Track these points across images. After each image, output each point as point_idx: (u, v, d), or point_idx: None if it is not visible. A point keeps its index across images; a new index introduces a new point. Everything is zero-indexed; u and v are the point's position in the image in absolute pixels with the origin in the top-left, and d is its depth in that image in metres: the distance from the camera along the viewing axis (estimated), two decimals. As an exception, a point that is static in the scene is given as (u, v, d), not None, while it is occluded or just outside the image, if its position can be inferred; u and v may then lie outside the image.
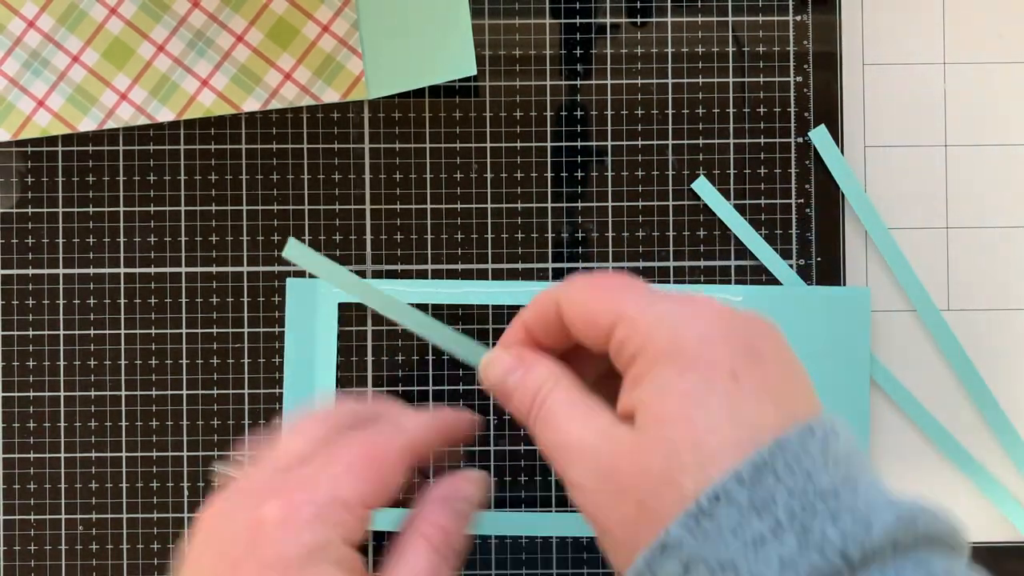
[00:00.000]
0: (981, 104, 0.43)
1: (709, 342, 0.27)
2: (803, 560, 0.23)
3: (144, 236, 0.42)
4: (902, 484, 0.43)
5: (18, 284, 0.42)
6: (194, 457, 0.42)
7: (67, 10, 0.42)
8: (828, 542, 0.23)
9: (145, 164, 0.42)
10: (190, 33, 0.42)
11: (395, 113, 0.42)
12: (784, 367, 0.27)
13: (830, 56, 0.42)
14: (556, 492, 0.42)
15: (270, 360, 0.42)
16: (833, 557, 0.23)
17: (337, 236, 0.42)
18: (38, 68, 0.42)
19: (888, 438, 0.42)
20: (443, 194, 0.42)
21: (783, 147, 0.42)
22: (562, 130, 0.42)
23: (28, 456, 0.42)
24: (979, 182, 0.43)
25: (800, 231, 0.42)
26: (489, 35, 0.42)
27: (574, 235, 0.42)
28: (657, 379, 0.26)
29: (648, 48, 0.42)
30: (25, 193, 0.42)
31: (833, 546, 0.23)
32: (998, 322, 0.42)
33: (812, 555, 0.23)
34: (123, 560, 0.42)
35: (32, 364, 0.42)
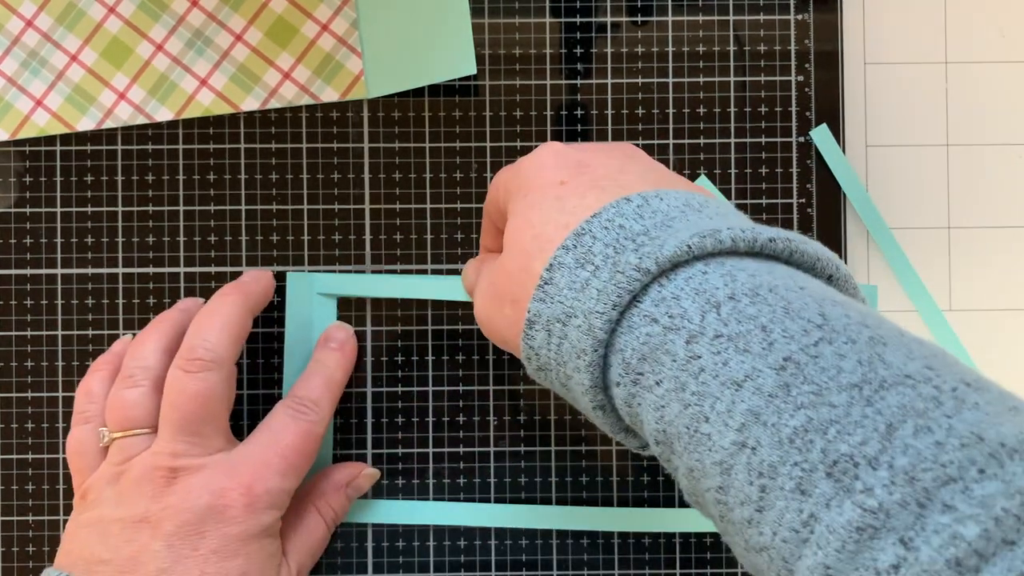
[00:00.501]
0: (983, 104, 0.42)
1: (542, 167, 0.32)
2: (611, 284, 0.28)
3: (143, 236, 0.42)
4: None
5: (17, 284, 0.42)
6: (194, 457, 0.42)
7: (65, 9, 0.41)
8: (628, 264, 0.28)
9: (144, 164, 0.42)
10: (189, 32, 0.41)
11: (395, 113, 0.42)
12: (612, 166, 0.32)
13: (831, 55, 0.42)
14: (557, 492, 0.42)
15: (270, 360, 0.42)
16: (632, 272, 0.28)
17: (337, 236, 0.42)
18: (36, 67, 0.41)
19: (889, 438, 0.42)
20: (443, 194, 0.42)
21: (784, 147, 0.42)
22: (562, 130, 0.42)
23: (28, 456, 0.42)
24: (981, 182, 0.42)
25: (801, 231, 0.42)
26: (489, 35, 0.42)
27: (574, 235, 0.42)
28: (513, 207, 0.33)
29: (648, 47, 0.42)
30: (23, 193, 0.42)
31: (631, 265, 0.28)
32: (999, 322, 0.42)
33: (617, 277, 0.28)
34: (123, 560, 0.42)
35: (32, 364, 0.42)
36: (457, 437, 0.42)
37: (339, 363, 0.40)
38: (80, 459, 0.37)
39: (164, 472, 0.35)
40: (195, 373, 0.36)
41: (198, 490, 0.35)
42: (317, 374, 0.39)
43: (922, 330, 0.42)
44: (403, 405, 0.42)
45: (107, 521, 0.35)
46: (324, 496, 0.40)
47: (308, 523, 0.39)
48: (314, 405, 0.38)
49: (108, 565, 0.34)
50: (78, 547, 0.35)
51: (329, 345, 0.40)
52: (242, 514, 0.35)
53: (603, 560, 0.42)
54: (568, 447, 0.42)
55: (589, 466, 0.42)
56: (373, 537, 0.42)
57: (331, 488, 0.40)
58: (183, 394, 0.36)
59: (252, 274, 0.40)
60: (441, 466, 0.42)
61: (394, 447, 0.42)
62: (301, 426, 0.37)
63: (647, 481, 0.42)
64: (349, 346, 0.41)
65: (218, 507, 0.35)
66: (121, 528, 0.35)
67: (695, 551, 0.42)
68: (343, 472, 0.40)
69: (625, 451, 0.42)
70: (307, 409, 0.38)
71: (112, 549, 0.35)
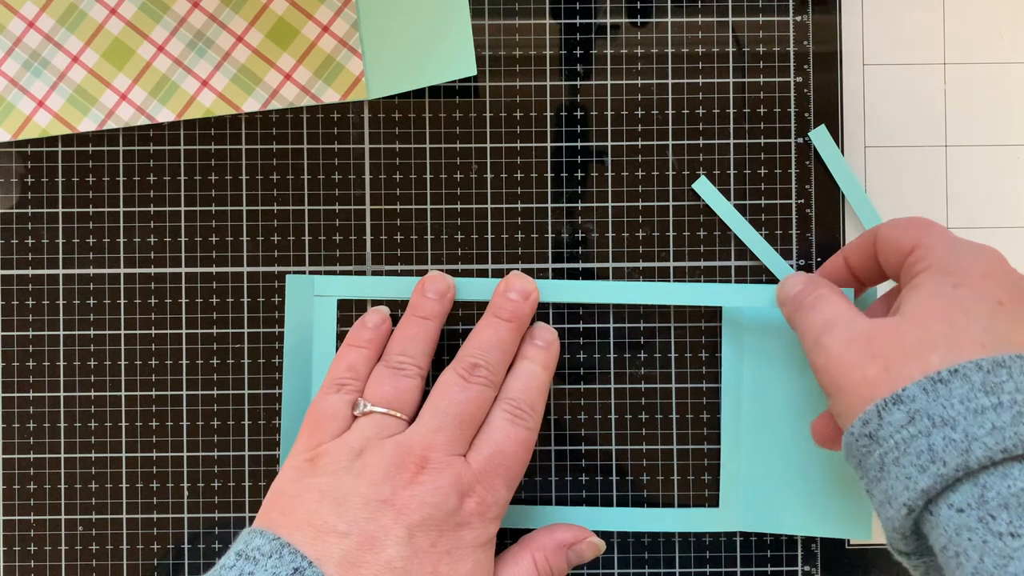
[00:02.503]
0: (981, 104, 0.43)
1: (988, 275, 0.33)
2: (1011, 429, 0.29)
3: (144, 236, 0.42)
4: (902, 484, 0.42)
5: (18, 284, 0.42)
6: (194, 457, 0.42)
7: (67, 10, 0.42)
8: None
9: (145, 164, 0.42)
10: (190, 33, 0.42)
11: (395, 113, 0.42)
12: None
13: (830, 56, 0.42)
14: (557, 492, 0.42)
15: (270, 360, 0.42)
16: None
17: (337, 236, 0.42)
18: (38, 68, 0.42)
19: (888, 438, 0.42)
20: (443, 194, 0.42)
21: (783, 147, 0.42)
22: (562, 130, 0.42)
23: (28, 456, 0.42)
24: (979, 182, 0.43)
25: (800, 231, 0.42)
26: (489, 35, 0.42)
27: (574, 235, 0.42)
28: (933, 284, 0.33)
29: (648, 48, 0.42)
30: (25, 193, 0.42)
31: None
32: (998, 322, 0.42)
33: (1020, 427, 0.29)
34: (123, 560, 0.42)
35: (32, 364, 0.42)
36: (457, 437, 0.42)
37: (548, 364, 0.39)
38: (327, 421, 0.37)
39: (417, 460, 0.35)
40: (471, 383, 0.37)
41: (447, 488, 0.35)
42: (532, 376, 0.39)
43: (921, 330, 0.42)
44: (403, 405, 0.42)
45: (347, 492, 0.35)
46: (544, 550, 0.38)
47: (522, 570, 0.37)
48: (530, 410, 0.38)
49: (345, 538, 0.34)
50: (304, 511, 0.34)
51: (536, 343, 0.39)
52: (477, 520, 0.35)
53: (603, 560, 0.42)
54: (568, 447, 0.42)
55: (589, 466, 0.42)
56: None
57: (553, 544, 0.38)
58: (459, 395, 0.37)
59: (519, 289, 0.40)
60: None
61: (394, 447, 0.42)
62: (521, 434, 0.37)
63: (647, 481, 0.42)
64: (556, 347, 0.40)
65: (461, 510, 0.35)
66: (364, 503, 0.34)
67: (695, 551, 0.42)
68: (568, 532, 0.39)
69: (625, 451, 0.42)
70: (525, 415, 0.37)
71: (350, 522, 0.34)
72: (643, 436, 0.42)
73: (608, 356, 0.42)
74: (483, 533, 0.36)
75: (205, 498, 0.42)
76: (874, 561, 0.42)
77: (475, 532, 0.35)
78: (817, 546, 0.42)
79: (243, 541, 0.34)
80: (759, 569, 0.42)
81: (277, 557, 0.33)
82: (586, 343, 0.42)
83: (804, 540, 0.42)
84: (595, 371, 0.42)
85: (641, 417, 0.42)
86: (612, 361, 0.42)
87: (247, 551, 0.33)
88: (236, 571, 0.33)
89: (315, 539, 0.34)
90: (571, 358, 0.42)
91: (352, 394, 0.38)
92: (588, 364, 0.42)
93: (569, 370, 0.42)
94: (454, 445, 0.36)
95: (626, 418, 0.42)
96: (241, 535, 0.35)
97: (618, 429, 0.42)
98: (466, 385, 0.37)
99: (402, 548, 0.34)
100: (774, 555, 0.42)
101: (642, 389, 0.42)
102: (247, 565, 0.33)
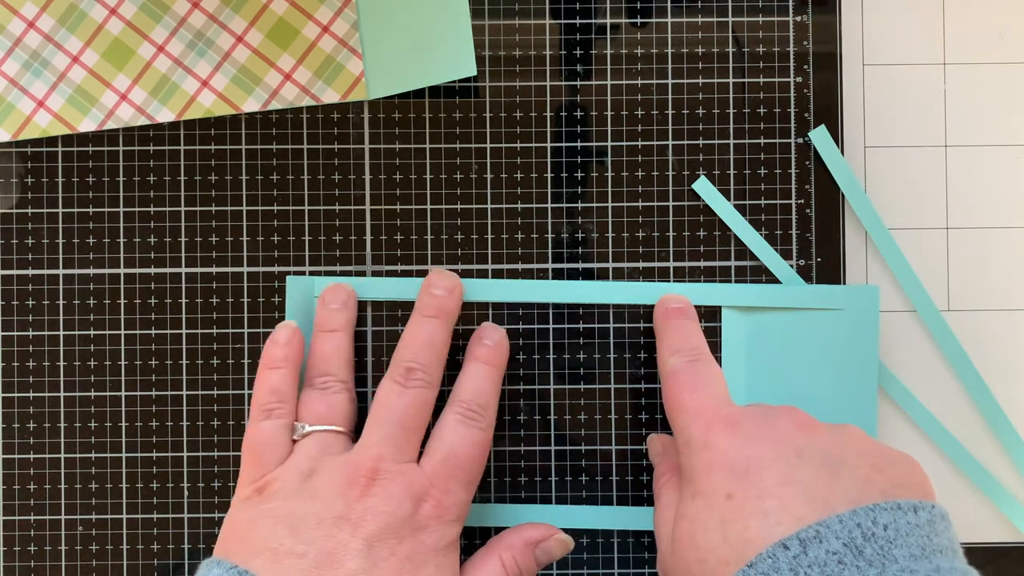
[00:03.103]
0: (981, 104, 0.43)
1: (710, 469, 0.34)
2: None
3: (144, 236, 0.42)
4: (902, 484, 0.42)
5: (18, 284, 0.42)
6: (194, 457, 0.42)
7: (67, 10, 0.42)
8: None
9: (145, 164, 0.42)
10: (190, 34, 0.42)
11: (395, 113, 0.42)
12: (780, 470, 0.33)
13: (830, 56, 0.42)
14: (557, 492, 0.42)
15: (270, 360, 0.42)
16: None
17: (337, 236, 0.42)
18: (38, 69, 0.42)
19: (889, 438, 0.42)
20: (443, 194, 0.42)
21: (783, 147, 0.42)
22: (562, 130, 0.42)
23: (28, 456, 0.42)
24: (979, 182, 0.43)
25: (800, 231, 0.42)
26: (489, 35, 0.42)
27: (574, 235, 0.42)
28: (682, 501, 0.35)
29: (648, 48, 0.42)
30: (25, 194, 0.42)
31: None
32: (998, 322, 0.42)
33: None
34: (123, 560, 0.42)
35: (32, 364, 0.42)
36: (457, 437, 0.42)
37: (497, 363, 0.39)
38: (266, 450, 0.37)
39: (367, 473, 0.35)
40: (409, 388, 0.37)
41: (399, 496, 0.35)
42: (482, 376, 0.39)
43: (921, 331, 0.42)
44: (403, 405, 0.42)
45: (300, 515, 0.35)
46: (512, 550, 0.38)
47: (489, 571, 0.38)
48: (482, 410, 0.38)
49: (302, 559, 0.34)
50: (260, 538, 0.34)
51: (484, 343, 0.39)
52: (435, 524, 0.36)
53: (603, 560, 0.42)
54: (568, 447, 0.42)
55: (589, 466, 0.42)
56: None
57: (520, 543, 0.38)
58: (399, 401, 0.37)
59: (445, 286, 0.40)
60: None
61: (394, 447, 0.42)
62: (474, 435, 0.37)
63: (647, 481, 0.42)
64: (504, 346, 0.40)
65: (416, 515, 0.35)
66: (317, 523, 0.34)
67: (695, 551, 0.42)
68: (535, 531, 0.39)
69: (625, 451, 0.42)
70: (477, 416, 0.38)
71: (307, 542, 0.34)
72: (643, 436, 0.42)
73: (608, 356, 0.42)
74: (443, 536, 0.36)
75: (205, 498, 0.42)
76: (874, 561, 0.42)
77: (434, 536, 0.36)
78: (817, 546, 0.42)
79: (203, 572, 0.34)
80: (759, 569, 0.42)
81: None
82: (586, 343, 0.42)
83: (804, 540, 0.42)
84: (595, 371, 0.42)
85: (641, 417, 0.42)
86: (612, 361, 0.42)
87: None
88: None
89: (273, 563, 0.34)
90: (571, 358, 0.42)
91: (283, 417, 0.38)
92: (588, 364, 0.42)
93: (569, 370, 0.42)
94: (402, 452, 0.36)
95: (626, 418, 0.42)
96: (200, 567, 0.35)
97: (618, 429, 0.42)
98: (404, 391, 0.37)
99: (362, 560, 0.34)
100: (774, 555, 0.42)
101: (642, 389, 0.42)
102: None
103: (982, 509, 0.42)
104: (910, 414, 0.42)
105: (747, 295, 0.41)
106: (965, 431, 0.42)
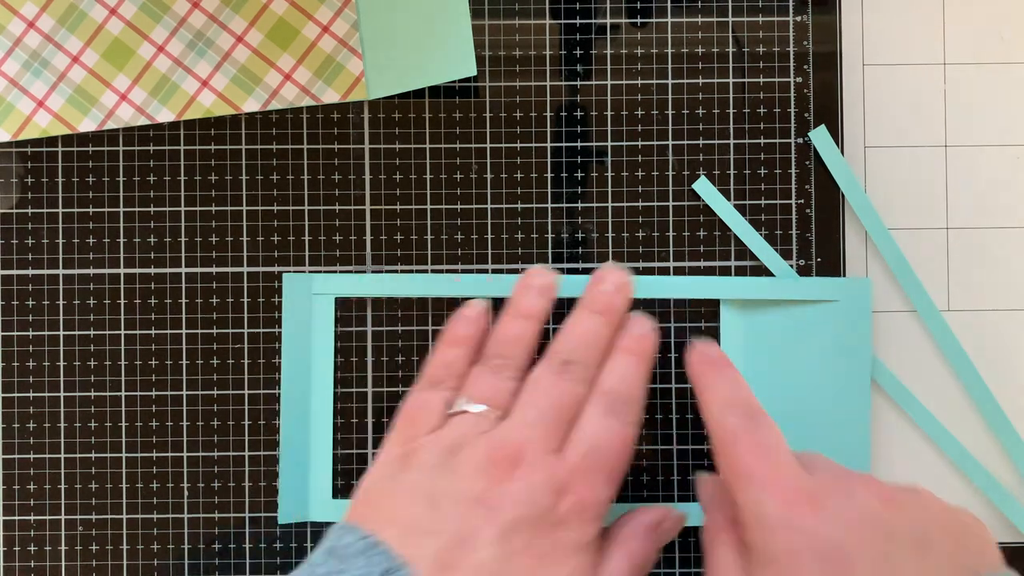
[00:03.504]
0: (981, 104, 0.43)
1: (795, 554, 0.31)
2: None
3: (144, 236, 0.42)
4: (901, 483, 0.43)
5: (18, 284, 0.42)
6: (194, 457, 0.42)
7: (67, 11, 0.42)
8: None
9: (145, 164, 0.42)
10: (190, 34, 0.42)
11: (395, 113, 0.42)
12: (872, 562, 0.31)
13: (830, 56, 0.42)
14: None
15: (270, 360, 0.42)
16: None
17: (337, 236, 0.42)
18: (38, 69, 0.42)
19: (888, 437, 0.42)
20: (443, 194, 0.42)
21: (783, 147, 0.42)
22: (562, 130, 0.42)
23: (28, 456, 0.42)
24: (979, 182, 0.43)
25: (800, 231, 0.42)
26: (489, 35, 0.42)
27: (574, 235, 0.42)
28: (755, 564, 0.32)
29: (648, 48, 0.42)
30: (25, 194, 0.42)
31: None
32: (998, 322, 0.42)
33: None
34: (123, 560, 0.42)
35: (32, 364, 0.42)
36: (457, 437, 0.42)
37: (645, 356, 0.38)
38: (422, 416, 0.36)
39: (511, 455, 0.34)
40: (567, 379, 0.36)
41: (541, 486, 0.33)
42: (629, 369, 0.37)
43: (921, 331, 0.42)
44: (403, 405, 0.42)
45: (440, 490, 0.33)
46: (636, 539, 0.36)
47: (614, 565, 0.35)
48: (629, 404, 0.36)
49: (435, 539, 0.32)
50: (394, 509, 0.33)
51: (632, 334, 0.38)
52: (575, 520, 0.33)
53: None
54: (568, 447, 0.42)
55: (589, 466, 0.42)
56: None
57: (642, 531, 0.36)
58: (552, 391, 0.35)
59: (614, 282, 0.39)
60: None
61: (394, 447, 0.42)
62: (619, 429, 0.35)
63: (647, 481, 0.42)
64: (654, 339, 0.38)
65: (556, 509, 0.33)
66: (455, 502, 0.33)
67: (695, 551, 0.42)
68: (651, 514, 0.37)
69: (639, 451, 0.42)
70: (623, 410, 0.36)
71: (442, 521, 0.32)
72: (643, 436, 0.42)
73: (608, 356, 0.42)
74: (582, 535, 0.34)
75: (205, 498, 0.42)
76: (874, 561, 0.42)
77: (573, 533, 0.33)
78: (817, 546, 0.42)
79: (333, 537, 0.33)
80: (759, 569, 0.42)
81: (367, 557, 0.32)
82: (586, 343, 0.42)
83: (804, 540, 0.42)
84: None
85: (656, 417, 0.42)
86: (612, 361, 0.42)
87: (337, 548, 0.32)
88: (325, 569, 0.32)
89: (406, 537, 0.32)
90: (571, 358, 0.42)
91: (447, 391, 0.37)
92: (588, 364, 0.42)
93: (569, 370, 0.42)
94: (549, 441, 0.34)
95: (626, 418, 0.42)
96: (331, 531, 0.34)
97: (618, 429, 0.42)
98: (558, 381, 0.36)
99: (495, 550, 0.32)
100: (774, 555, 0.42)
101: (642, 389, 0.42)
102: (336, 563, 0.32)
103: (982, 509, 0.42)
104: (909, 414, 0.42)
105: (742, 288, 0.41)
106: (965, 431, 0.42)
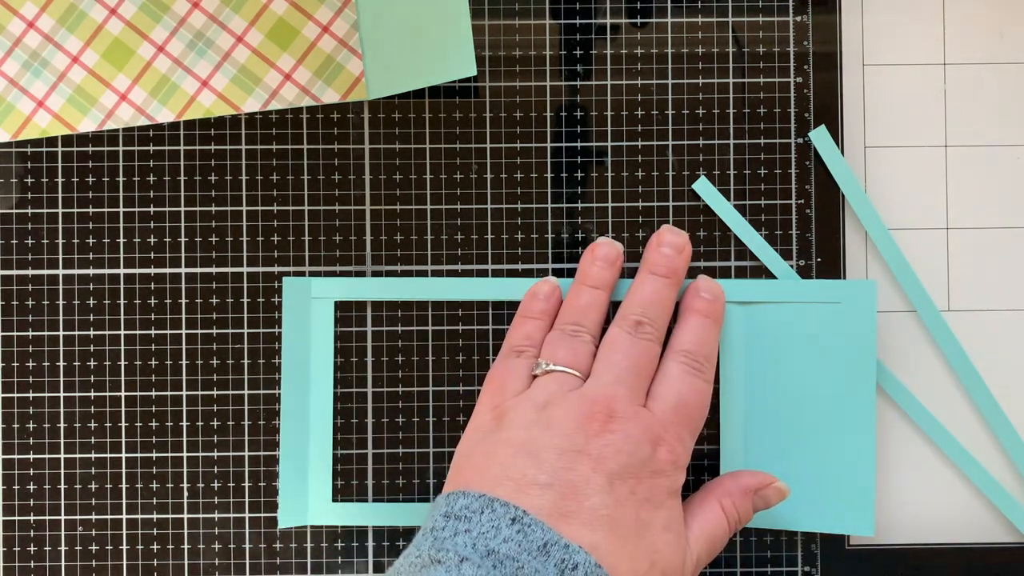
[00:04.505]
0: (981, 104, 0.43)
1: None
2: None
3: (144, 237, 0.42)
4: (902, 484, 0.43)
5: (18, 284, 0.42)
6: (194, 457, 0.42)
7: (67, 11, 0.42)
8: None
9: (145, 164, 0.42)
10: (190, 34, 0.42)
11: (395, 113, 0.42)
12: None
13: (830, 57, 0.42)
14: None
15: (270, 361, 0.42)
16: None
17: (337, 236, 0.42)
18: (38, 69, 0.42)
19: (888, 437, 0.42)
20: (443, 194, 0.42)
21: (783, 147, 0.42)
22: (562, 130, 0.42)
23: (28, 456, 0.42)
24: (979, 182, 0.43)
25: (800, 231, 0.42)
26: (489, 35, 0.42)
27: (574, 235, 0.42)
28: None
29: (648, 48, 0.42)
30: (25, 194, 0.42)
31: None
32: (998, 322, 0.42)
33: None
34: (123, 560, 0.42)
35: (32, 364, 0.42)
36: (457, 437, 0.42)
37: (717, 317, 0.40)
38: (509, 380, 0.38)
39: (604, 410, 0.36)
40: (641, 338, 0.38)
41: (639, 437, 0.35)
42: (703, 328, 0.39)
43: (921, 331, 0.42)
44: (403, 405, 0.42)
45: (539, 444, 0.35)
46: (731, 496, 0.38)
47: (711, 516, 0.38)
48: (706, 361, 0.38)
49: (548, 489, 0.34)
50: (500, 467, 0.35)
51: (703, 295, 0.40)
52: (670, 468, 0.36)
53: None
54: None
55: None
56: (373, 537, 0.42)
57: (739, 490, 0.38)
58: (631, 349, 0.37)
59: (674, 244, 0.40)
60: (441, 466, 0.42)
61: (394, 447, 0.42)
62: (700, 385, 0.38)
63: (647, 481, 0.42)
64: (723, 301, 0.40)
65: (655, 458, 0.35)
66: (558, 454, 0.35)
67: (695, 551, 0.42)
68: (753, 478, 0.39)
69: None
70: (702, 366, 0.38)
71: (550, 472, 0.34)
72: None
73: (608, 356, 0.42)
74: (675, 481, 0.36)
75: (205, 498, 0.42)
76: (874, 561, 0.42)
77: (668, 480, 0.36)
78: (817, 546, 0.42)
79: (445, 504, 0.34)
80: (759, 569, 0.42)
81: (490, 511, 0.33)
82: (586, 343, 0.42)
83: (804, 540, 0.42)
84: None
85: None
86: (612, 361, 0.42)
87: (454, 511, 0.33)
88: (451, 530, 0.33)
89: (518, 492, 0.34)
90: (571, 358, 0.42)
91: (530, 359, 0.39)
92: (588, 364, 0.42)
93: (569, 370, 0.42)
94: (634, 396, 0.37)
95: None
96: (439, 501, 0.35)
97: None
98: (635, 340, 0.38)
99: (604, 496, 0.34)
100: (774, 555, 0.42)
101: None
102: (460, 524, 0.33)
103: (982, 509, 0.42)
104: (910, 414, 0.42)
105: (746, 290, 0.41)
106: (965, 431, 0.42)
